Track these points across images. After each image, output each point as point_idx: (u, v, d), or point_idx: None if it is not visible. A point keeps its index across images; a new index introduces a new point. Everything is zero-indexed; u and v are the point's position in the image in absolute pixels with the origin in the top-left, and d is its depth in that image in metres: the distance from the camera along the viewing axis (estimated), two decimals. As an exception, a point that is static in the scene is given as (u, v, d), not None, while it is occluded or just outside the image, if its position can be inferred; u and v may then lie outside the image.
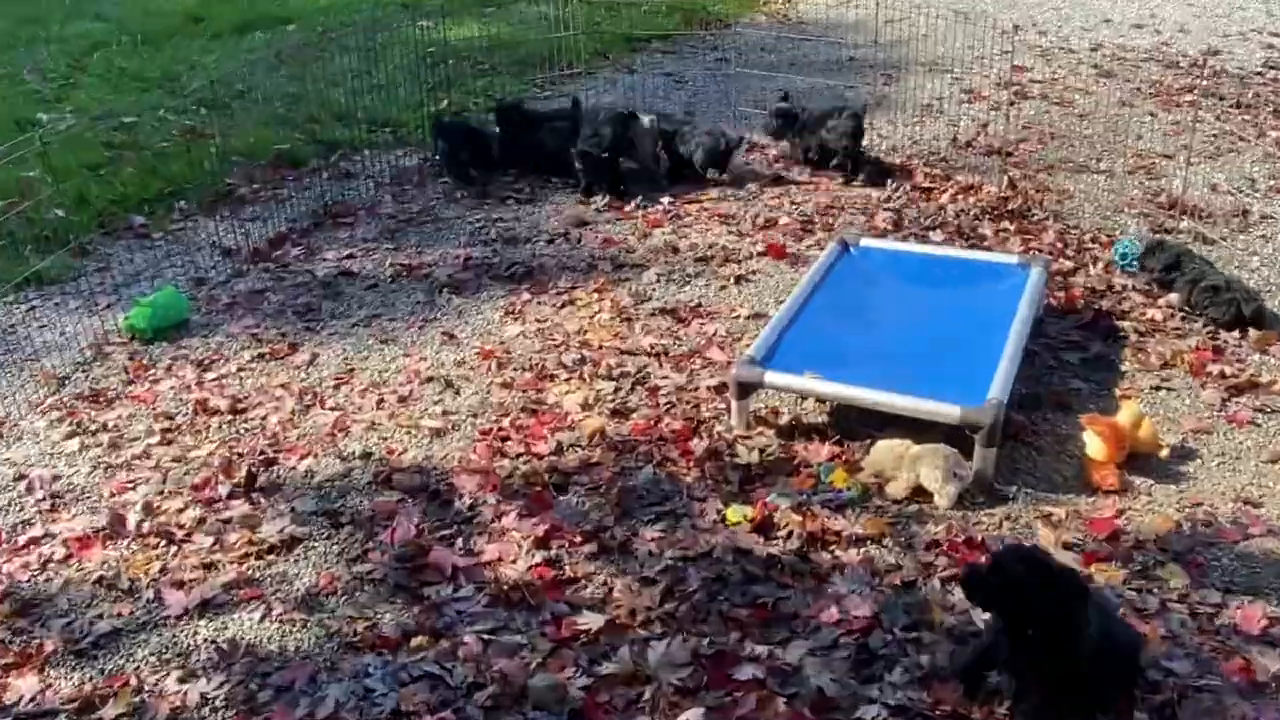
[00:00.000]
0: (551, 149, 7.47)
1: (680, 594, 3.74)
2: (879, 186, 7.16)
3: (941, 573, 3.81)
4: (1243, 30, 10.72)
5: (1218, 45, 10.17)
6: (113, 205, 7.16)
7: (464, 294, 6.09)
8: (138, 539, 4.17)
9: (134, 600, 3.85)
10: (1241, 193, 6.85)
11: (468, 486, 4.39)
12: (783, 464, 4.45)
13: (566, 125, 7.44)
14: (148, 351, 5.56)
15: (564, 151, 7.34)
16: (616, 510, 4.21)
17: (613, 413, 4.87)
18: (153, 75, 9.89)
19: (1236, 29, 10.78)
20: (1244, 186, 6.96)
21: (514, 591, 3.79)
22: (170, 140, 8.22)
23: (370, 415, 4.95)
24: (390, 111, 8.56)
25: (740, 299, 5.87)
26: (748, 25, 11.43)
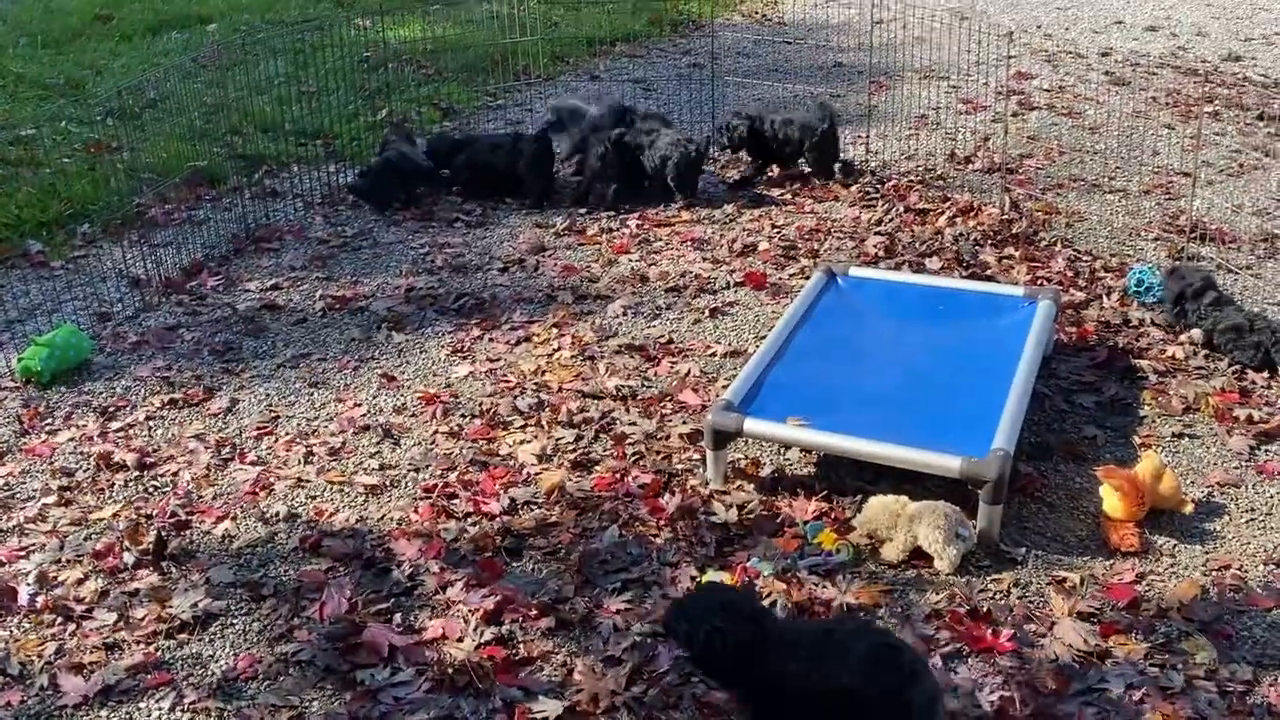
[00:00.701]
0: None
1: (649, 675, 3.70)
2: (869, 208, 7.22)
3: (944, 648, 3.80)
4: (1266, 33, 10.97)
5: (1239, 50, 10.40)
6: (5, 229, 7.09)
7: (405, 330, 6.07)
8: (30, 615, 4.07)
9: (25, 687, 3.75)
10: (1268, 214, 6.97)
11: (408, 552, 4.34)
12: (764, 523, 4.44)
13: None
14: (44, 397, 5.47)
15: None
16: (577, 578, 4.17)
17: (573, 465, 4.85)
18: (54, 82, 9.84)
19: (1260, 32, 11.04)
20: (1271, 207, 7.08)
21: (460, 675, 3.73)
22: (73, 155, 8.18)
23: (297, 470, 4.89)
24: (322, 122, 8.57)
25: (716, 334, 5.88)
26: (723, 26, 11.53)
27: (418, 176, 7.69)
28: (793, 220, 7.14)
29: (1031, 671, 3.69)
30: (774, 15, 12.39)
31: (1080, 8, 12.09)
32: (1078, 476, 4.71)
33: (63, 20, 11.78)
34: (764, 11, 12.58)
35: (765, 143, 7.69)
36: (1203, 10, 11.90)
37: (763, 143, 7.70)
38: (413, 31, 10.85)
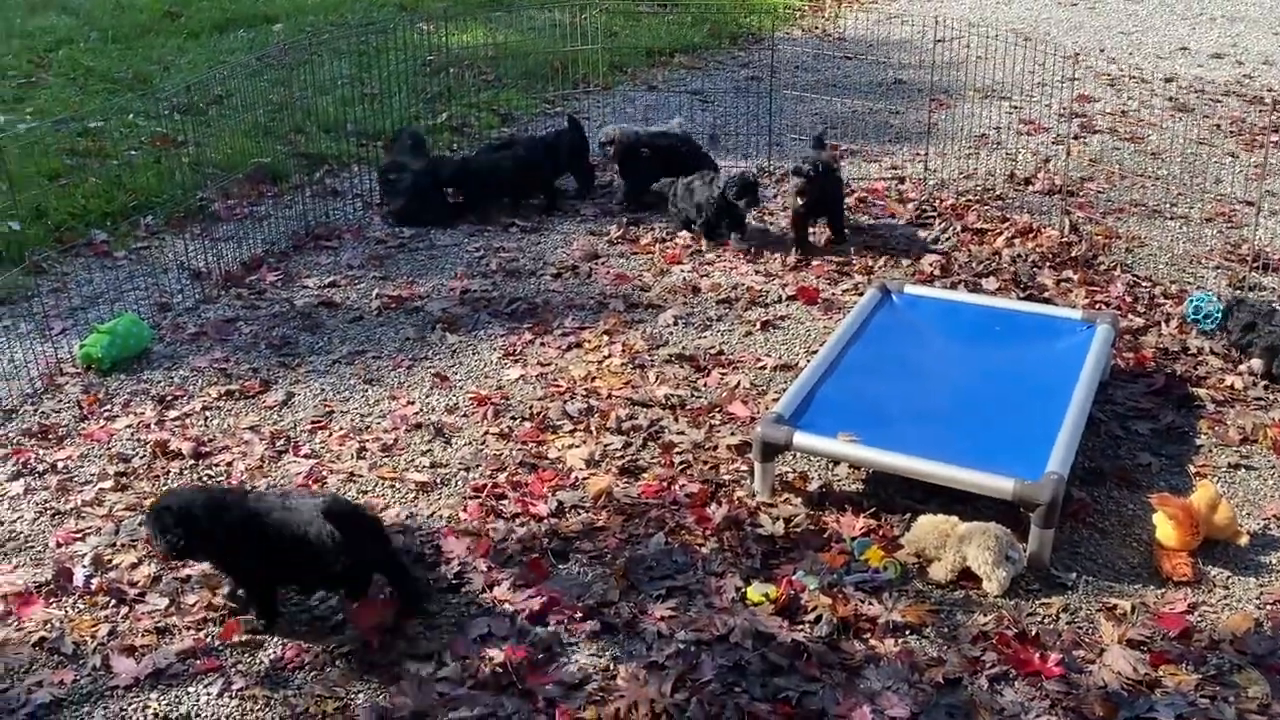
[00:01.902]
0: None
1: (693, 684, 3.71)
2: (926, 226, 7.19)
3: (990, 670, 3.78)
4: (1335, 64, 10.79)
5: (1307, 80, 10.24)
6: (72, 219, 7.24)
7: (459, 331, 6.12)
8: (85, 597, 4.15)
9: (78, 667, 3.83)
10: (1333, 246, 6.86)
11: (456, 550, 4.38)
12: (811, 537, 4.43)
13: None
14: (104, 384, 5.58)
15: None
16: (622, 583, 4.19)
17: (621, 471, 4.87)
18: (122, 76, 10.04)
19: (1329, 62, 10.86)
20: (1336, 239, 6.98)
21: (504, 673, 3.77)
22: (139, 148, 8.33)
23: (349, 465, 4.95)
24: (383, 124, 8.66)
25: (767, 348, 5.88)
26: (783, 40, 11.54)
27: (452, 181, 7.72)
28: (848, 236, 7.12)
29: (1079, 698, 3.66)
30: (834, 30, 12.38)
31: (1145, 33, 11.97)
32: (1131, 504, 4.66)
33: (132, 16, 12.01)
34: (824, 27, 12.57)
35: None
36: (1270, 39, 11.74)
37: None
38: (475, 37, 10.96)
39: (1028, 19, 12.42)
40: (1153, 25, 12.28)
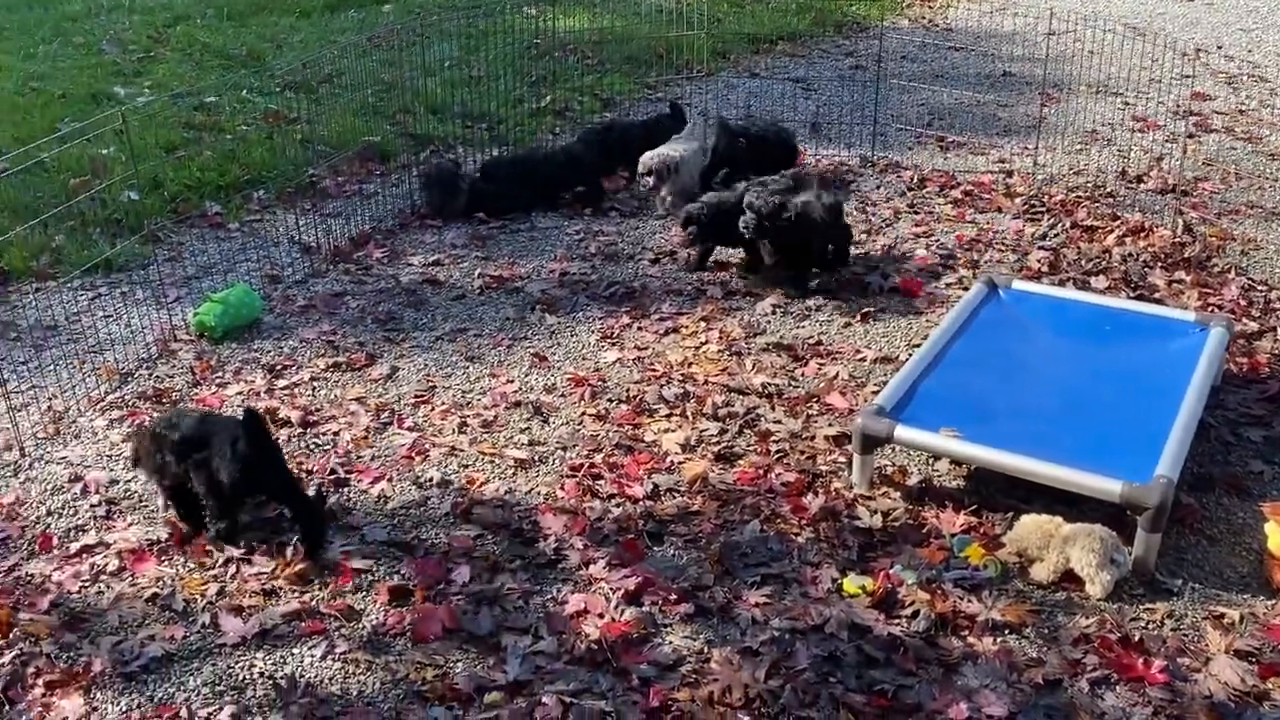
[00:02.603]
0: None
1: (787, 671, 3.70)
2: (1034, 221, 7.05)
3: (1091, 673, 3.71)
4: None
5: None
6: (188, 190, 7.45)
7: (557, 313, 6.17)
8: (195, 557, 4.28)
9: (188, 623, 3.96)
10: None
11: (553, 527, 4.42)
12: (910, 532, 4.39)
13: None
14: (216, 352, 5.74)
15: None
16: (717, 568, 4.20)
17: (717, 457, 4.87)
18: (236, 53, 10.28)
19: None
20: None
21: (599, 650, 3.80)
22: (252, 124, 8.53)
23: (451, 439, 5.02)
24: (488, 106, 8.75)
25: (867, 339, 5.83)
26: (889, 30, 11.39)
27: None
28: (953, 229, 7.02)
29: (1183, 706, 3.58)
30: (941, 21, 12.17)
31: (1265, 30, 11.56)
32: (1240, 511, 4.52)
33: (247, -6, 12.29)
34: (931, 16, 12.37)
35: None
36: (1402, 37, 11.26)
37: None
38: (579, 22, 11.01)
39: (1142, 13, 12.08)
40: (1274, 23, 11.84)
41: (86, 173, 7.39)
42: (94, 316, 6.03)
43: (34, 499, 4.63)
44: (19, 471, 4.82)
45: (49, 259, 6.50)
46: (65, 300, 6.10)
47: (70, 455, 4.92)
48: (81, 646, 3.86)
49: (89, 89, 9.15)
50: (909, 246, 6.80)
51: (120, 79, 9.51)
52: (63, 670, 3.75)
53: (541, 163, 7.61)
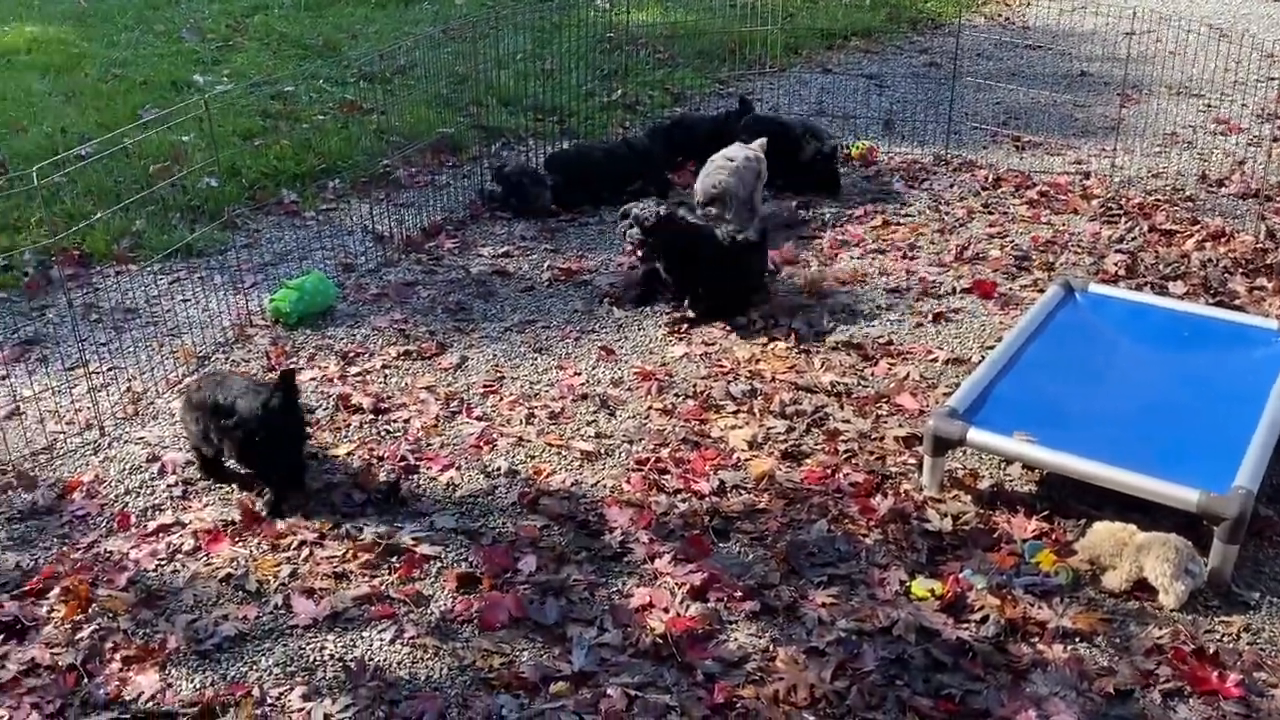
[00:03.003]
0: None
1: (853, 673, 3.68)
2: (1111, 223, 6.93)
3: (1164, 684, 3.65)
4: None
5: None
6: (265, 178, 7.56)
7: (625, 306, 6.18)
8: (268, 538, 4.36)
9: (260, 604, 4.02)
10: None
11: (619, 520, 4.44)
12: (980, 536, 4.34)
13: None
14: (291, 337, 5.83)
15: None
16: (783, 566, 4.19)
17: (784, 455, 4.85)
18: (313, 42, 10.42)
19: None
20: None
21: (664, 644, 3.81)
22: (328, 114, 8.64)
23: (518, 429, 5.06)
24: (559, 99, 8.78)
25: (938, 340, 5.77)
26: (964, 27, 11.24)
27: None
28: (1029, 230, 6.92)
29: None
30: (1018, 19, 12.00)
31: (1357, 30, 11.25)
32: (1323, 526, 4.42)
33: (323, -15, 12.44)
34: (1008, 14, 12.20)
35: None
36: None
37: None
38: (651, 16, 11.01)
39: (1225, 14, 11.82)
40: (1365, 23, 11.53)
41: (167, 159, 7.54)
42: (172, 300, 6.16)
43: (113, 478, 4.74)
44: (99, 450, 4.94)
45: (130, 243, 6.64)
46: (145, 284, 6.23)
47: (148, 436, 5.02)
48: (157, 623, 3.95)
49: (169, 76, 9.32)
50: (982, 247, 6.71)
51: (200, 67, 9.68)
52: (139, 646, 3.84)
53: (606, 156, 7.61)
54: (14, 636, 3.89)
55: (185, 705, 3.60)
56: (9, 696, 3.64)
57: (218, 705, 3.58)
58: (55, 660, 3.78)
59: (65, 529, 4.45)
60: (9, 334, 5.85)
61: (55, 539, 4.39)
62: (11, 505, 4.58)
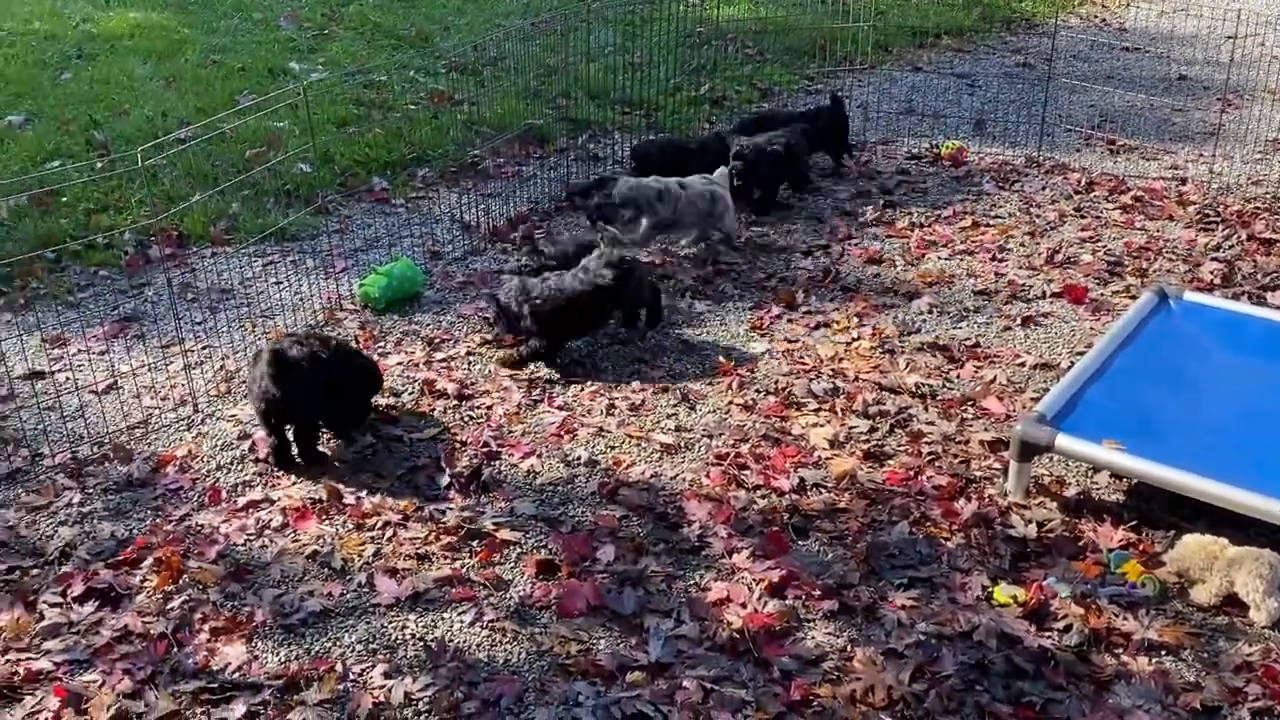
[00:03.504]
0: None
1: (932, 676, 3.65)
2: (1207, 230, 6.76)
3: (1253, 703, 3.55)
4: None
5: None
6: (356, 165, 7.69)
7: (707, 301, 6.17)
8: (354, 518, 4.44)
9: (345, 582, 4.10)
10: None
11: (698, 514, 4.44)
12: (1065, 544, 4.27)
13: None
14: (379, 322, 5.92)
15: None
16: (863, 567, 4.16)
17: (866, 455, 4.81)
18: (405, 33, 10.56)
19: None
20: None
21: (740, 639, 3.81)
22: (419, 103, 8.75)
23: (599, 420, 5.08)
24: (646, 93, 8.79)
25: (1027, 344, 5.68)
26: (1059, 28, 11.03)
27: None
28: (1122, 235, 6.78)
29: (1355, 747, 3.40)
30: (1115, 20, 11.75)
31: None
32: None
33: (417, -24, 12.60)
34: (1104, 16, 11.95)
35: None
36: None
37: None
38: (740, 11, 10.98)
39: (1335, 17, 11.44)
40: None
41: (263, 144, 7.70)
42: (265, 282, 6.29)
43: (204, 453, 4.86)
44: (192, 426, 5.06)
45: (226, 225, 6.80)
46: (240, 265, 6.38)
47: (239, 414, 5.14)
48: (245, 596, 4.04)
49: (266, 63, 9.52)
50: (1074, 251, 6.59)
51: (296, 55, 9.87)
52: (227, 618, 3.93)
53: (691, 149, 7.57)
54: (108, 604, 4.02)
55: (270, 677, 3.68)
56: (103, 661, 3.76)
57: (302, 679, 3.66)
58: (147, 628, 3.89)
59: (158, 502, 4.58)
60: (109, 311, 6.02)
61: (149, 511, 4.52)
62: (108, 477, 4.72)
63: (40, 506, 4.55)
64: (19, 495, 4.62)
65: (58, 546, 4.30)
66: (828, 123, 7.75)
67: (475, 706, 3.55)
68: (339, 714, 3.54)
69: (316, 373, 4.67)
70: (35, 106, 8.56)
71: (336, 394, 4.82)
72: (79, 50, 9.94)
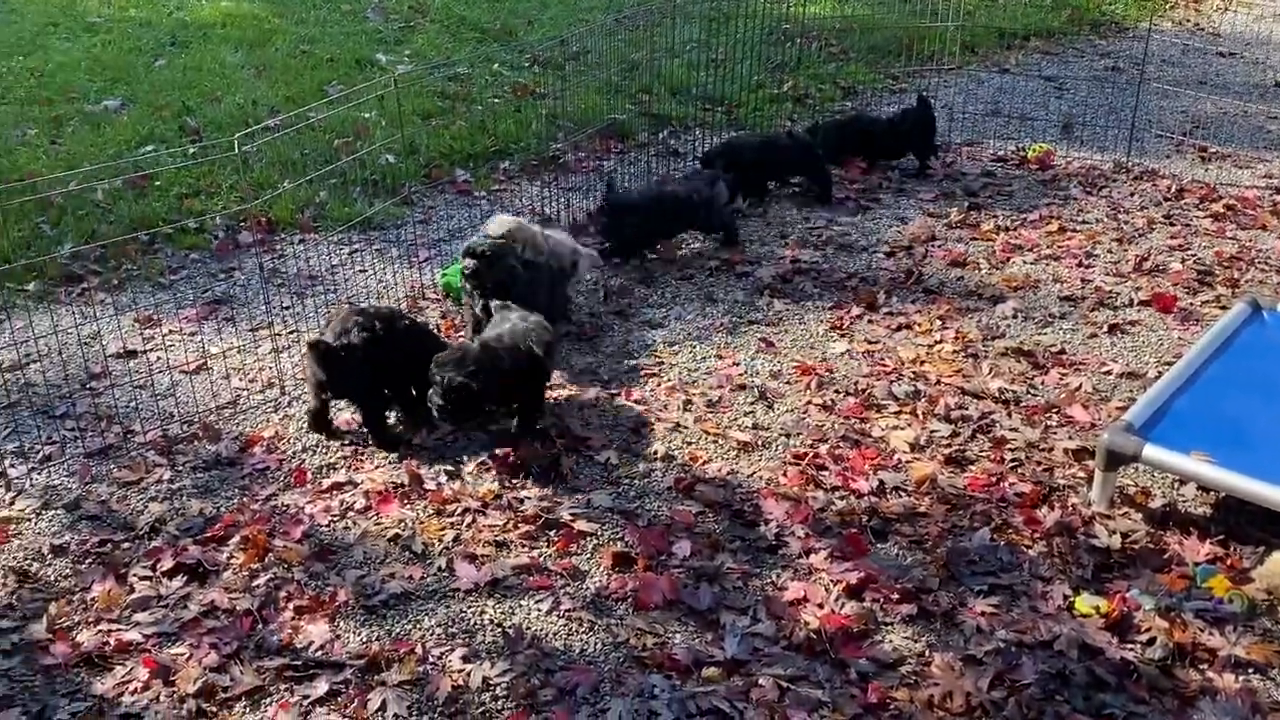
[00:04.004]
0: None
1: (1011, 684, 3.61)
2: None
3: (1345, 726, 3.47)
4: None
5: None
6: (440, 157, 7.78)
7: (787, 299, 6.15)
8: (434, 503, 4.50)
9: (425, 565, 4.16)
10: None
11: (775, 513, 4.43)
12: (1149, 556, 4.19)
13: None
14: (460, 312, 5.98)
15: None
16: (943, 572, 4.12)
17: (947, 459, 4.77)
18: (490, 26, 10.65)
19: None
20: None
21: (817, 639, 3.80)
22: (502, 97, 8.83)
23: (676, 415, 5.09)
24: (727, 89, 8.78)
25: (1113, 352, 5.58)
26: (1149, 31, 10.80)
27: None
28: (1212, 244, 6.63)
29: None
30: (1209, 25, 11.48)
31: None
32: None
33: (502, -30, 12.71)
34: (1197, 20, 11.68)
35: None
36: None
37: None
38: (824, 8, 10.91)
39: None
40: None
41: (350, 134, 7.82)
42: (350, 270, 6.40)
43: (291, 435, 4.96)
44: (279, 408, 5.17)
45: (313, 213, 6.92)
46: (325, 252, 6.49)
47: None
48: (328, 576, 4.12)
49: (354, 54, 9.67)
50: (1163, 259, 6.46)
51: (382, 46, 10.02)
52: (311, 597, 4.01)
53: (766, 147, 7.50)
54: (196, 579, 4.12)
55: (352, 657, 3.75)
56: (190, 635, 3.86)
57: (383, 660, 3.72)
58: (233, 604, 3.98)
59: (246, 480, 4.68)
60: (199, 293, 6.17)
61: (236, 489, 4.62)
62: (197, 455, 4.84)
63: (131, 482, 4.68)
64: (111, 470, 4.75)
65: (148, 521, 4.42)
66: (915, 124, 7.68)
67: (551, 694, 3.59)
68: (418, 696, 3.59)
69: (369, 353, 4.76)
70: (130, 92, 8.79)
71: (402, 373, 4.90)
72: (173, 38, 10.19)
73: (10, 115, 8.37)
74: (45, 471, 4.74)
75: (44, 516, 4.48)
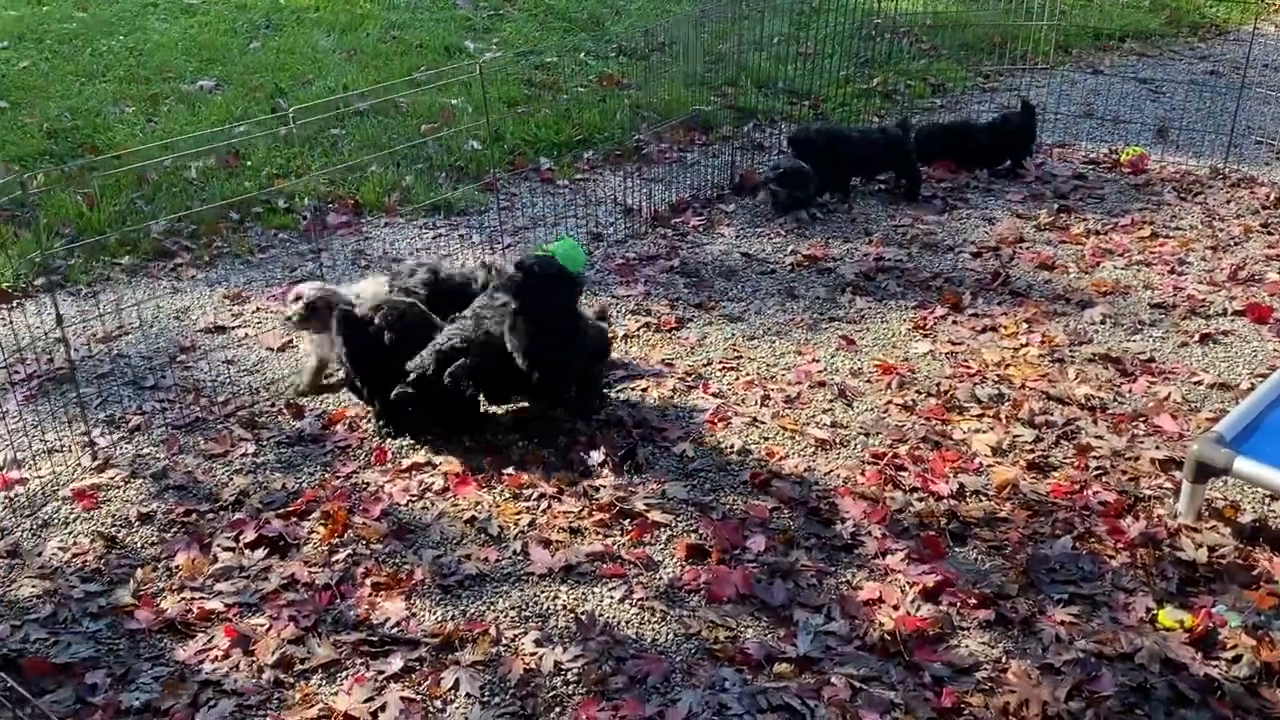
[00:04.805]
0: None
1: (1089, 695, 3.54)
2: None
3: None
4: None
5: None
6: (524, 145, 7.83)
7: (869, 297, 6.10)
8: (511, 487, 4.54)
9: (500, 548, 4.20)
10: None
11: (852, 512, 4.40)
12: (1237, 571, 4.08)
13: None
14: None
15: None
16: (1022, 579, 4.05)
17: (1029, 465, 4.69)
18: (578, 16, 10.69)
19: None
20: None
21: (891, 641, 3.76)
22: (587, 86, 8.86)
23: (753, 410, 5.08)
24: (813, 84, 8.71)
25: (1204, 362, 5.45)
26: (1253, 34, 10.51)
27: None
28: (1313, 256, 6.46)
29: None
30: (1314, 29, 11.15)
31: None
32: None
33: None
34: (1303, 23, 11.35)
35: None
36: None
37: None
38: (915, 4, 10.78)
39: None
40: None
41: (436, 120, 7.91)
42: (434, 253, 6.47)
43: (372, 414, 5.03)
44: (360, 388, 5.25)
45: (398, 196, 7.01)
46: (410, 235, 6.57)
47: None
48: (406, 555, 4.18)
49: (443, 41, 9.78)
50: (1259, 269, 6.29)
51: (471, 34, 10.11)
52: (388, 574, 4.07)
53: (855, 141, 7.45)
54: (277, 552, 4.20)
55: (427, 635, 3.79)
56: (270, 606, 3.93)
57: (457, 639, 3.76)
58: (312, 578, 4.05)
59: (328, 458, 4.76)
60: (287, 272, 6.28)
61: (318, 466, 4.70)
62: (281, 431, 4.93)
63: (217, 455, 4.78)
64: (198, 443, 4.86)
65: (232, 493, 4.51)
66: (1017, 128, 7.57)
67: (622, 682, 3.60)
68: (491, 676, 3.63)
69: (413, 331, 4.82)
70: (225, 73, 8.99)
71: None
72: (267, 21, 10.39)
73: (109, 93, 8.60)
74: (134, 441, 4.87)
75: (132, 485, 4.60)
